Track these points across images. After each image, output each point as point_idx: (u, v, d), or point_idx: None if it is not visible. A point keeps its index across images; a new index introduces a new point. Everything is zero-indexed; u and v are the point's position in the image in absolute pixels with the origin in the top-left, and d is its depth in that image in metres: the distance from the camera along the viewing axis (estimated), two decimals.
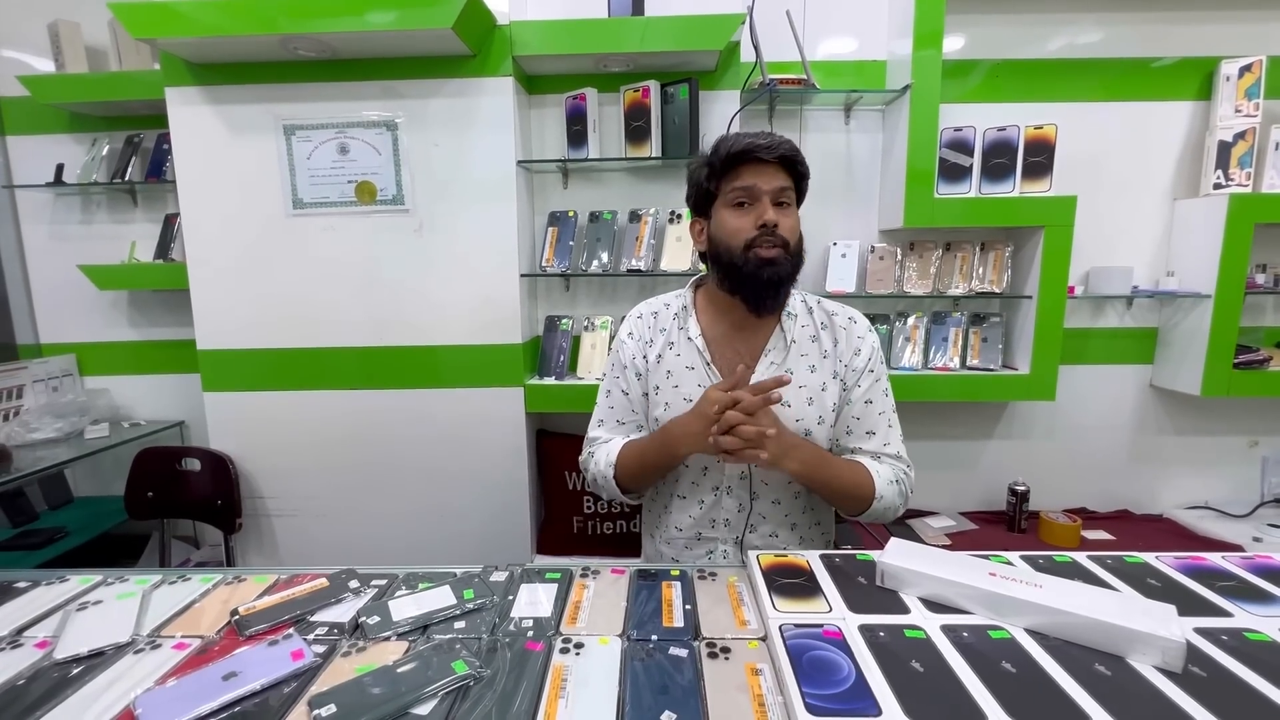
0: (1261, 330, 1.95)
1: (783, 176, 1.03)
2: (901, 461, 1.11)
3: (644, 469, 1.11)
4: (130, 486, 1.85)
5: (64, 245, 2.07)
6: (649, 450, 1.09)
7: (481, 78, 1.68)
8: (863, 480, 1.05)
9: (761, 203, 1.02)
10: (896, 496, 1.07)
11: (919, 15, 1.66)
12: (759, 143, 1.00)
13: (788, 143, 1.02)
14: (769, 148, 1.00)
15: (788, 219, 1.03)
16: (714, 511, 1.13)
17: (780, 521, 1.13)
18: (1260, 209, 1.71)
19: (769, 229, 1.01)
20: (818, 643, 0.72)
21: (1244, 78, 1.75)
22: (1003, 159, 1.76)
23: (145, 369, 2.14)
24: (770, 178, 1.02)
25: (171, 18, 1.51)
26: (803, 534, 1.16)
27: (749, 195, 1.02)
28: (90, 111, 2.00)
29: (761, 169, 1.02)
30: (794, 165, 1.03)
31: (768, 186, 1.02)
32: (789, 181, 1.04)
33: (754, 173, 1.02)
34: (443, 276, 1.76)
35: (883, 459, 1.10)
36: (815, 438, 1.09)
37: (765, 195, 1.02)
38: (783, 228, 1.02)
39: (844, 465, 1.07)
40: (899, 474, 1.09)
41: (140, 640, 0.79)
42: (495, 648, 0.75)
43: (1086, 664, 0.68)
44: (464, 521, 1.86)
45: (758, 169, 1.02)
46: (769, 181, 1.02)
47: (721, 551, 1.14)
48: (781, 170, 1.03)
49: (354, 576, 0.92)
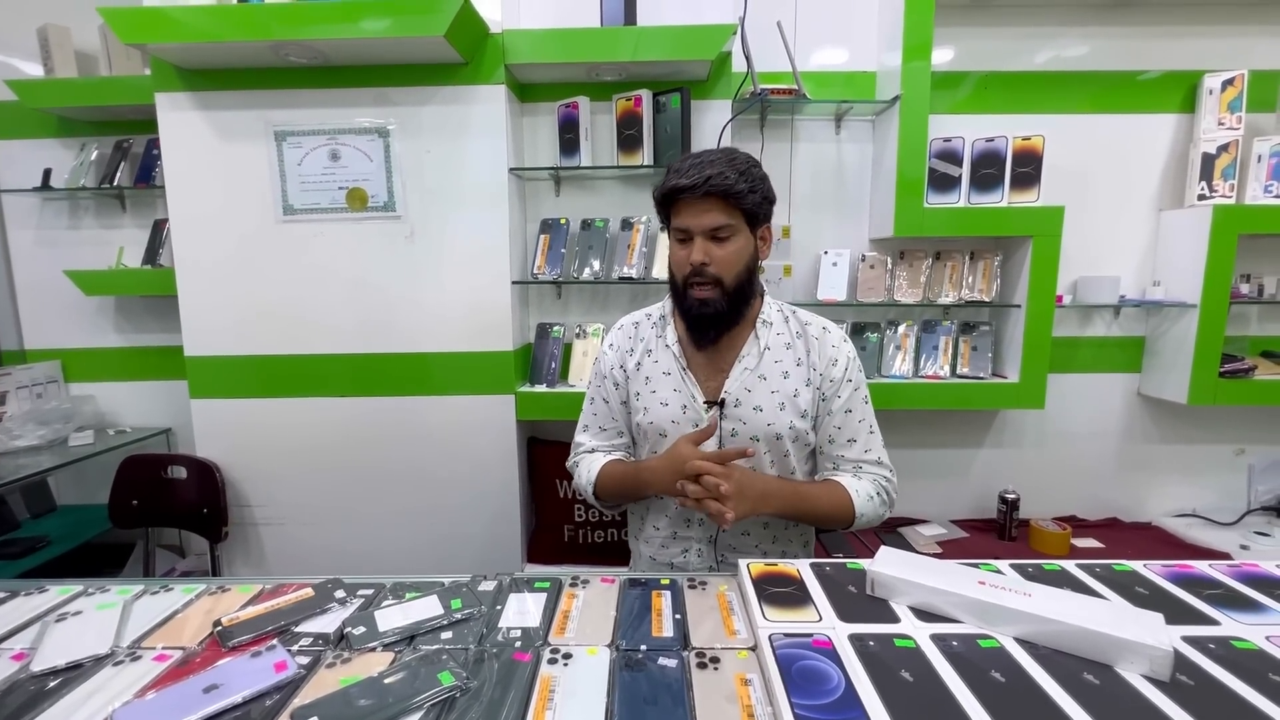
0: (1246, 339, 1.97)
1: (718, 211, 1.00)
2: (883, 468, 1.14)
3: (620, 495, 1.18)
4: (114, 494, 1.82)
5: (50, 250, 2.04)
6: (625, 481, 1.15)
7: (474, 85, 1.68)
8: (841, 502, 1.08)
9: (694, 243, 1.02)
10: (878, 508, 1.11)
11: (908, 27, 1.68)
12: (683, 182, 0.98)
13: (721, 174, 0.98)
14: (692, 187, 0.98)
15: (724, 251, 1.02)
16: (688, 511, 1.15)
17: (752, 521, 1.15)
18: (1244, 220, 1.73)
19: (697, 269, 1.02)
20: (807, 652, 0.72)
21: (1226, 91, 1.78)
22: (991, 169, 1.78)
23: (132, 375, 2.11)
24: (703, 215, 1.01)
25: (162, 23, 1.50)
26: (776, 533, 1.17)
27: (685, 234, 1.04)
28: (79, 116, 1.99)
29: (696, 206, 1.01)
30: (728, 195, 0.99)
31: (699, 226, 1.01)
32: (725, 217, 1.01)
33: (689, 211, 1.02)
34: (434, 283, 1.75)
35: (864, 468, 1.13)
36: (786, 442, 1.11)
37: (698, 235, 1.02)
38: (716, 264, 1.02)
39: (821, 495, 1.09)
40: (879, 486, 1.12)
41: (120, 652, 0.77)
42: (482, 658, 0.75)
43: (1075, 673, 0.68)
44: (454, 530, 1.84)
45: (692, 206, 1.01)
46: (702, 220, 1.01)
47: (696, 550, 1.17)
48: (717, 203, 1.00)
49: (340, 586, 0.91)
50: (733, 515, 0.94)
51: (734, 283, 1.05)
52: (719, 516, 0.94)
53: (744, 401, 1.11)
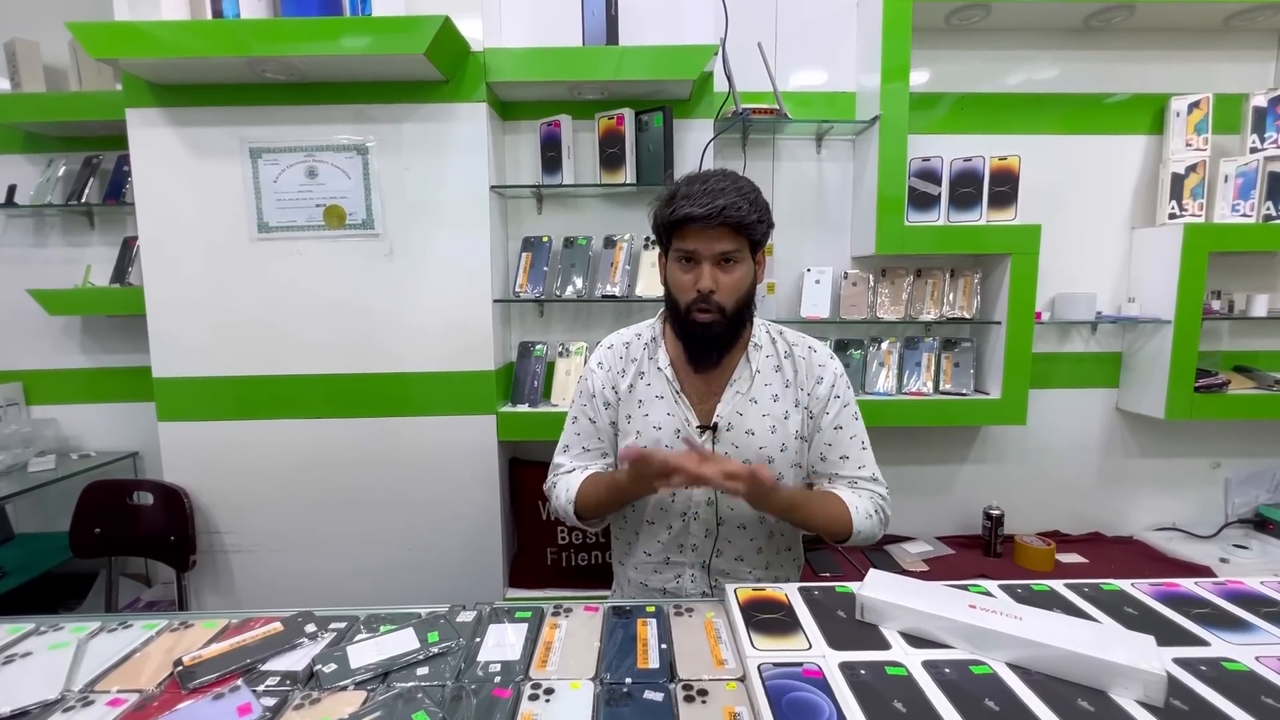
0: (1219, 354, 2.01)
1: (727, 238, 1.01)
2: (879, 485, 1.13)
3: (601, 506, 1.12)
4: (76, 522, 1.74)
5: (13, 269, 1.98)
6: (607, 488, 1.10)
7: (455, 103, 1.67)
8: (840, 516, 1.06)
9: (700, 267, 1.02)
10: (875, 527, 1.08)
11: (886, 49, 1.70)
12: (696, 212, 0.98)
13: (734, 204, 0.98)
14: (707, 217, 0.98)
15: (730, 277, 1.03)
16: (681, 536, 1.14)
17: (746, 546, 1.14)
18: (1213, 238, 1.77)
19: (703, 295, 1.02)
20: (798, 683, 0.70)
21: (1193, 114, 1.83)
22: (969, 188, 1.80)
23: (97, 397, 2.04)
24: (713, 241, 1.01)
25: (133, 38, 1.47)
26: (769, 559, 1.16)
27: (693, 256, 1.03)
28: (47, 132, 1.94)
29: (706, 234, 1.00)
30: (738, 226, 1.00)
31: (708, 251, 1.01)
32: (733, 243, 1.01)
33: (697, 236, 1.01)
34: (413, 302, 1.72)
35: (860, 485, 1.11)
36: (778, 464, 1.11)
37: (705, 260, 1.01)
38: (721, 291, 1.02)
39: (818, 506, 1.07)
40: (876, 504, 1.10)
41: (71, 697, 0.73)
42: (460, 696, 0.71)
43: (1069, 700, 0.67)
44: (433, 554, 1.79)
45: (701, 233, 1.00)
46: (711, 245, 1.01)
47: (689, 575, 1.15)
48: (726, 230, 1.00)
49: (311, 619, 0.87)
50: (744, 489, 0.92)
51: (736, 308, 1.05)
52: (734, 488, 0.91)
53: (736, 425, 1.10)
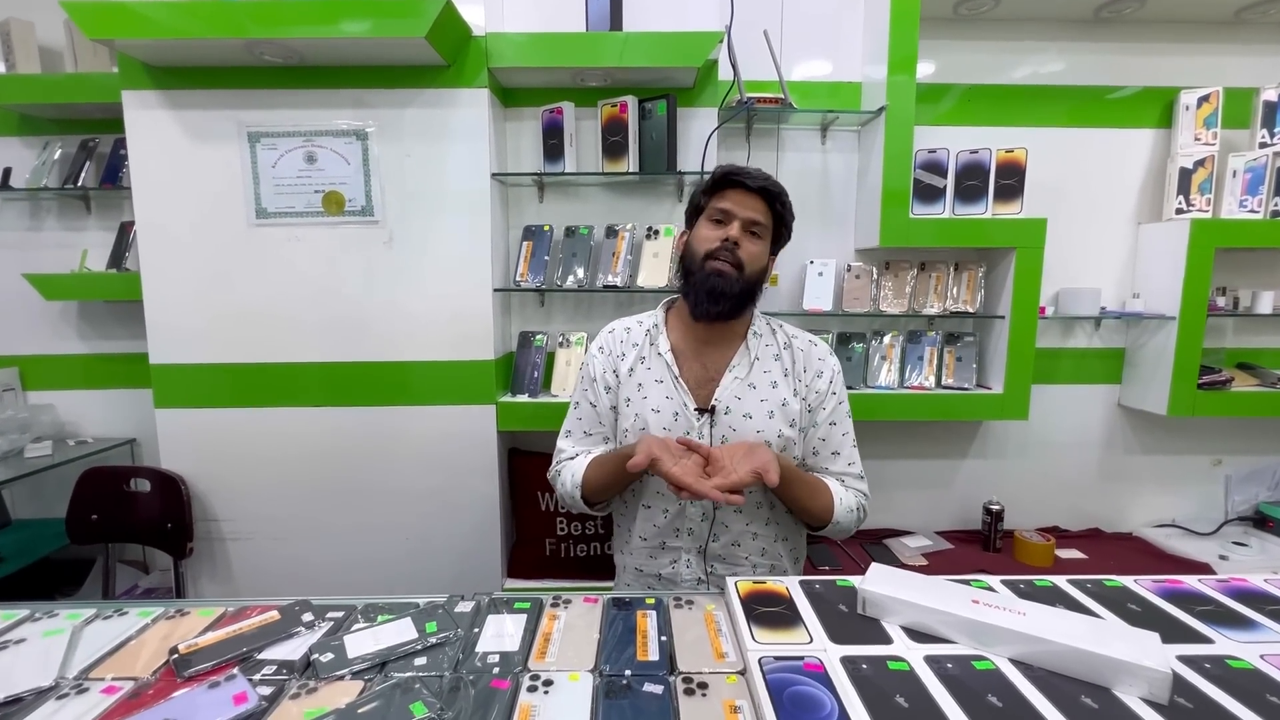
0: (1223, 351, 2.00)
1: (761, 209, 1.10)
2: (863, 483, 1.18)
3: (606, 485, 1.14)
4: (73, 508, 1.74)
5: (8, 253, 1.96)
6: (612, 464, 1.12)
7: (456, 89, 1.65)
8: (825, 504, 1.11)
9: (732, 224, 1.10)
10: (853, 523, 1.15)
11: (893, 40, 1.68)
12: (748, 171, 1.10)
13: (774, 181, 1.11)
14: (753, 177, 1.09)
15: (752, 246, 1.10)
16: (678, 520, 1.15)
17: (742, 531, 1.15)
18: (1220, 234, 1.76)
19: (728, 245, 1.08)
20: (799, 677, 0.69)
21: (1202, 108, 1.81)
22: (975, 181, 1.78)
23: (94, 383, 2.03)
24: (748, 206, 1.10)
25: (130, 18, 1.45)
26: (765, 545, 1.16)
27: (725, 215, 1.11)
28: (42, 114, 1.91)
29: (743, 197, 1.10)
30: (775, 201, 1.10)
31: (743, 213, 1.10)
32: (765, 217, 1.11)
33: (736, 198, 1.10)
34: (413, 290, 1.71)
35: (848, 481, 1.17)
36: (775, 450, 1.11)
37: (738, 219, 1.10)
38: (743, 250, 1.09)
39: (807, 487, 1.11)
40: (859, 501, 1.16)
41: (65, 684, 0.72)
42: (458, 686, 0.71)
43: (1073, 696, 0.66)
44: (432, 544, 1.78)
45: (740, 196, 1.10)
46: (745, 209, 1.10)
47: (685, 560, 1.16)
48: (762, 203, 1.10)
49: (308, 608, 0.87)
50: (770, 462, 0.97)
51: (750, 276, 1.10)
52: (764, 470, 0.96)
53: (734, 409, 1.12)
